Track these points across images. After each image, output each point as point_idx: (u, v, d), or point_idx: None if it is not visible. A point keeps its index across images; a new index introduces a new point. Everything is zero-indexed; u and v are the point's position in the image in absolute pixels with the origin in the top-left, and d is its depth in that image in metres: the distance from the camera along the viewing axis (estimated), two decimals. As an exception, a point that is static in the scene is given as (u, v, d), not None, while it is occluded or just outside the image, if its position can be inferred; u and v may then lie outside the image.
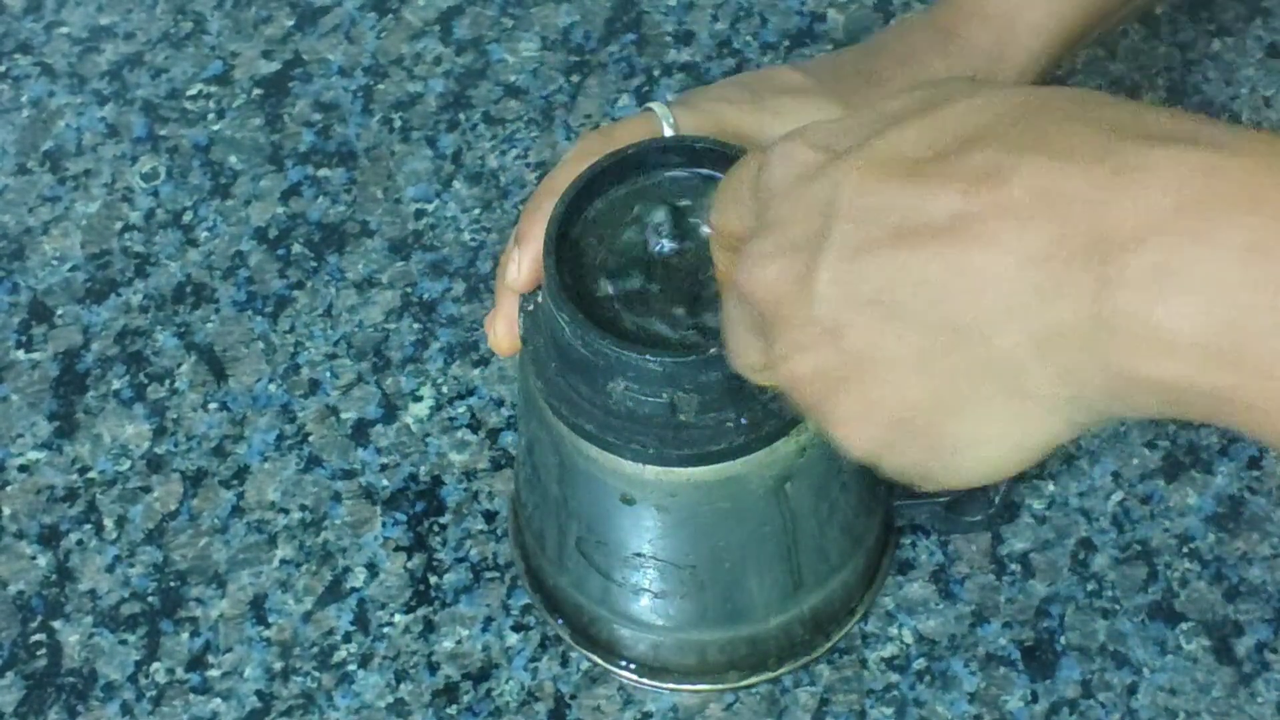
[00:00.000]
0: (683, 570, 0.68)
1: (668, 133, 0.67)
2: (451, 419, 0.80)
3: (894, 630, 0.74)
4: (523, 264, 0.64)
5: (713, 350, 0.60)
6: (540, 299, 0.64)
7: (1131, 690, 0.72)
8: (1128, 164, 0.46)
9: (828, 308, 0.50)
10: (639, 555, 0.68)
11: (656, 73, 0.89)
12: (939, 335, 0.48)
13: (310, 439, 0.80)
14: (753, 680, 0.72)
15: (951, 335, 0.48)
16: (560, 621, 0.73)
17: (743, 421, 0.62)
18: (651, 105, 0.68)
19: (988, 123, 0.49)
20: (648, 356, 0.60)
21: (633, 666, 0.73)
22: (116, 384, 0.82)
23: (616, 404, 0.62)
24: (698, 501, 0.65)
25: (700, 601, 0.70)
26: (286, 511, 0.78)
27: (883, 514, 0.73)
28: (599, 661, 0.73)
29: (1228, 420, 0.46)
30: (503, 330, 0.67)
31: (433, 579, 0.76)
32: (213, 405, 0.81)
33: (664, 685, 0.72)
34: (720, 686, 0.72)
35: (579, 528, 0.68)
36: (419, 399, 0.81)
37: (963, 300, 0.48)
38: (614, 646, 0.72)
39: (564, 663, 0.74)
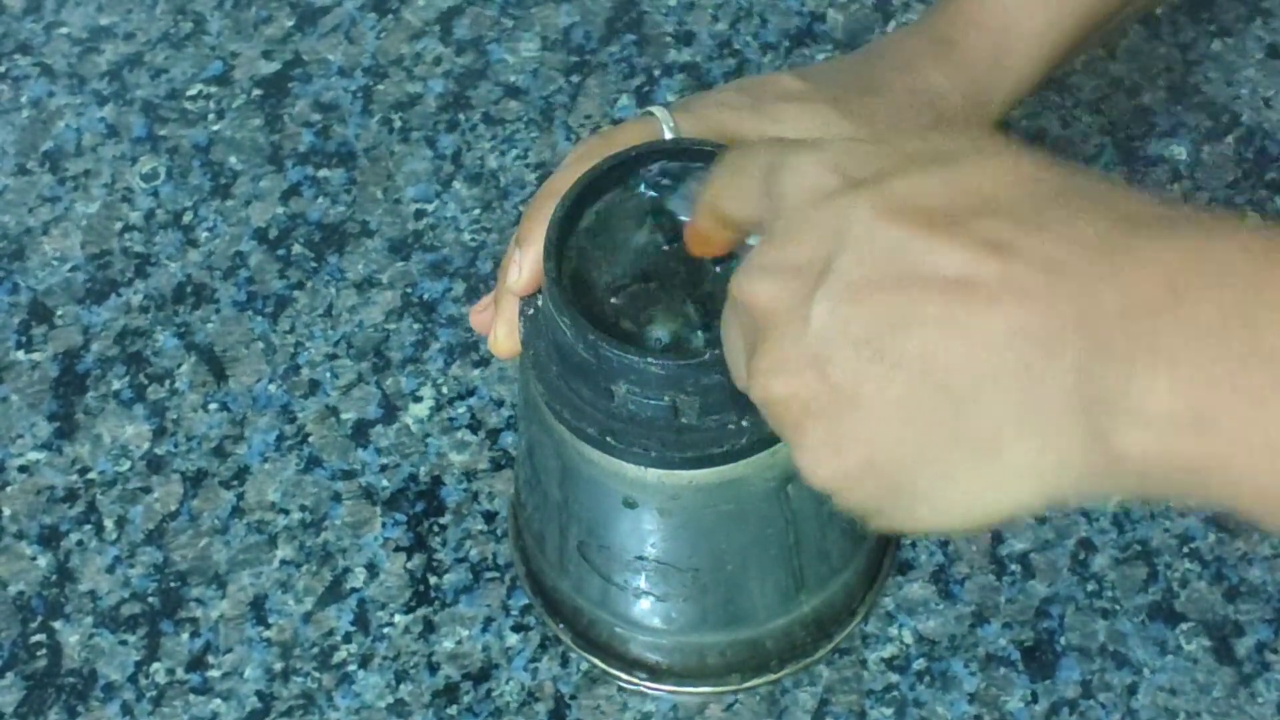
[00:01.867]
0: (684, 573, 0.68)
1: (668, 137, 0.67)
2: (451, 419, 0.80)
3: (894, 631, 0.74)
4: (524, 267, 0.64)
5: (714, 353, 0.60)
6: (541, 303, 0.64)
7: (1132, 690, 0.72)
8: (1124, 253, 0.47)
9: (818, 337, 0.50)
10: (640, 559, 0.68)
11: (657, 73, 0.89)
12: (924, 388, 0.49)
13: (310, 439, 0.80)
14: (754, 683, 0.72)
15: (936, 391, 0.49)
16: (560, 625, 0.73)
17: (745, 424, 0.62)
18: (652, 109, 0.68)
19: (1004, 194, 0.49)
20: (649, 360, 0.60)
21: (634, 670, 0.73)
22: (116, 384, 0.81)
23: (618, 407, 0.62)
24: (700, 504, 0.65)
25: (701, 604, 0.69)
26: (286, 512, 0.78)
27: (883, 515, 0.73)
28: (599, 664, 0.73)
29: (1204, 494, 0.47)
30: (503, 333, 0.66)
31: (433, 579, 0.76)
32: (213, 406, 0.81)
33: (664, 688, 0.72)
34: (721, 689, 0.72)
35: (580, 531, 0.68)
36: (419, 399, 0.81)
37: (953, 360, 0.48)
38: (614, 649, 0.72)
39: (564, 663, 0.74)
